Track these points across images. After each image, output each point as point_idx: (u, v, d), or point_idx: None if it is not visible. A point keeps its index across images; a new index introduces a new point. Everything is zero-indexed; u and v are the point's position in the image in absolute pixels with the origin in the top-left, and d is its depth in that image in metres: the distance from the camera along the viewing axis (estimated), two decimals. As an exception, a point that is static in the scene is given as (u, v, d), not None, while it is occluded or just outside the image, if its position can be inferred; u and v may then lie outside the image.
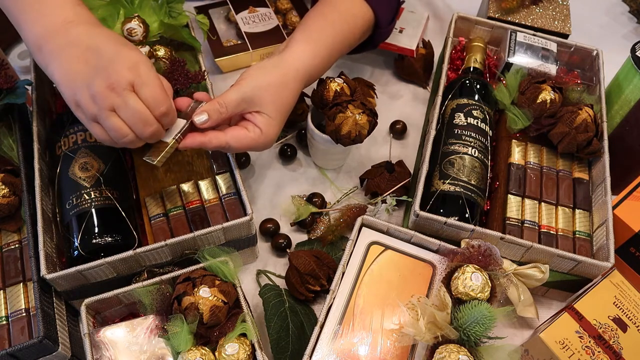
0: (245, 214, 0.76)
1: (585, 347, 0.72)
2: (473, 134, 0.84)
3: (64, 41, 0.67)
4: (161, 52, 0.84)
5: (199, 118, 0.71)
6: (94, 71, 0.64)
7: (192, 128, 0.72)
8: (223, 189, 0.81)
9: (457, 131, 0.85)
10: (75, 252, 0.72)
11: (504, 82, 0.93)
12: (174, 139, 0.70)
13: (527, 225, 0.81)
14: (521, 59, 0.95)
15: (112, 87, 0.63)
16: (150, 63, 0.68)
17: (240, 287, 0.70)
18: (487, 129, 0.86)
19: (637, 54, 0.86)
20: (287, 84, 0.76)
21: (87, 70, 0.65)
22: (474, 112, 0.86)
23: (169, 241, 0.72)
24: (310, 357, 0.67)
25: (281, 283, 0.82)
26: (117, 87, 0.63)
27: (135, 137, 0.66)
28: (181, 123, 0.71)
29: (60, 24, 0.67)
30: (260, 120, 0.74)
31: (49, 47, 0.67)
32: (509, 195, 0.83)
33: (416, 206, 0.77)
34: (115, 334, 0.68)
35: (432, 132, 0.85)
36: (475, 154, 0.83)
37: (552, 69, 0.95)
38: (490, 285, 0.68)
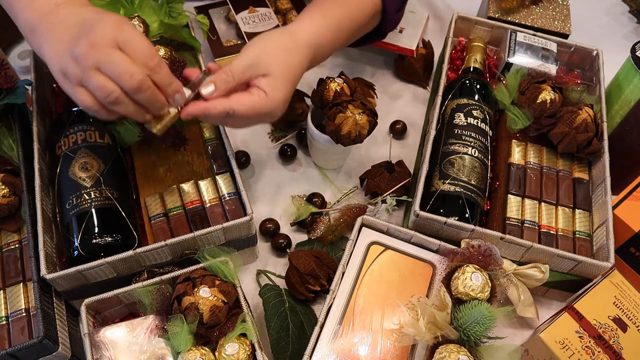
0: (245, 214, 0.76)
1: (585, 347, 0.72)
2: (473, 134, 0.84)
3: (54, 21, 0.67)
4: (161, 52, 0.84)
5: (206, 89, 0.70)
6: (77, 36, 0.63)
7: (197, 99, 0.71)
8: (223, 189, 0.81)
9: (457, 131, 0.85)
10: (75, 252, 0.72)
11: (504, 82, 0.93)
12: (176, 108, 0.69)
13: (527, 225, 0.81)
14: (521, 59, 0.95)
15: (95, 45, 0.62)
16: (134, 25, 0.66)
17: (240, 287, 0.70)
18: (487, 129, 0.86)
19: (637, 54, 0.86)
20: (293, 49, 0.75)
21: (71, 39, 0.64)
22: (474, 112, 0.86)
23: (169, 241, 0.72)
24: (310, 357, 0.67)
25: (281, 283, 0.82)
26: (100, 44, 0.62)
27: (122, 94, 0.63)
28: (187, 93, 0.70)
29: (52, 6, 0.67)
30: (265, 83, 0.72)
31: (41, 29, 0.67)
32: (509, 195, 0.83)
33: (416, 206, 0.77)
34: (115, 334, 0.68)
35: (432, 132, 0.85)
36: (475, 154, 0.83)
37: (552, 69, 0.95)
38: (490, 285, 0.68)
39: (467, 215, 0.78)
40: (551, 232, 0.81)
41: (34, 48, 0.70)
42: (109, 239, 0.73)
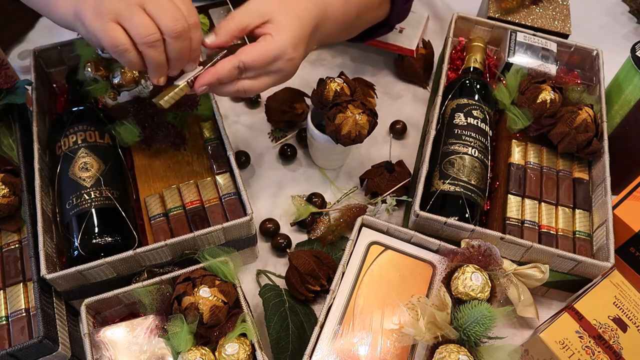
0: (245, 214, 0.76)
1: (585, 347, 0.72)
2: (473, 134, 0.84)
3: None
4: (161, 52, 0.84)
5: (208, 37, 0.69)
6: None
7: None
8: (223, 189, 0.81)
9: (457, 131, 0.85)
10: (75, 252, 0.72)
11: (504, 82, 0.93)
12: (185, 81, 0.68)
13: (527, 225, 0.81)
14: (521, 59, 0.95)
15: None
16: None
17: (240, 287, 0.70)
18: (487, 129, 0.86)
19: (637, 54, 0.86)
20: None
21: None
22: (474, 112, 0.86)
23: (169, 241, 0.72)
24: (310, 357, 0.67)
25: (281, 283, 0.82)
26: None
27: (159, 38, 0.62)
28: (197, 70, 0.69)
29: None
30: (269, 28, 0.70)
31: (83, 8, 0.64)
32: (509, 195, 0.83)
33: (416, 206, 0.77)
34: (115, 334, 0.68)
35: (432, 132, 0.85)
36: (475, 154, 0.83)
37: (552, 69, 0.95)
38: (490, 285, 0.68)
39: (467, 215, 0.78)
40: (551, 232, 0.81)
41: (84, 35, 0.67)
42: (109, 239, 0.73)
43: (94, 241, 0.73)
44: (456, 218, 0.76)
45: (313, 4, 0.75)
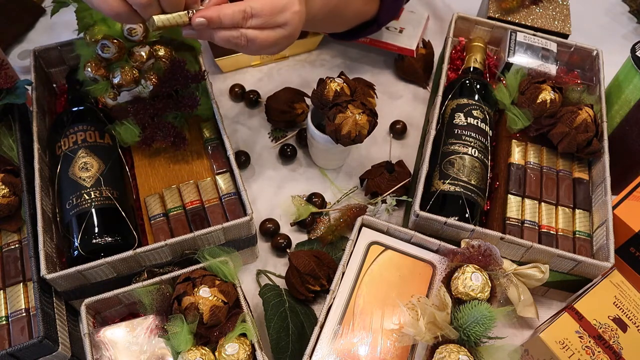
0: (245, 214, 0.76)
1: (585, 347, 0.72)
2: (473, 134, 0.84)
3: None
4: (161, 52, 0.84)
5: None
6: None
7: None
8: (223, 189, 0.81)
9: (457, 131, 0.85)
10: (75, 252, 0.72)
11: (504, 82, 0.93)
12: (186, 12, 0.64)
13: (527, 225, 0.81)
14: (521, 59, 0.95)
15: None
16: None
17: (240, 287, 0.70)
18: (487, 129, 0.86)
19: (637, 54, 0.86)
20: None
21: None
22: (474, 112, 0.86)
23: (169, 241, 0.72)
24: (310, 357, 0.67)
25: (281, 283, 0.82)
26: None
27: None
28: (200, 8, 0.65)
29: None
30: None
31: None
32: (509, 195, 0.83)
33: (416, 206, 0.77)
34: (115, 334, 0.68)
35: (432, 132, 0.85)
36: (475, 154, 0.83)
37: (552, 69, 0.95)
38: (490, 285, 0.68)
39: (467, 215, 0.78)
40: (551, 232, 0.81)
41: None
42: (109, 239, 0.73)
43: (94, 241, 0.73)
44: (456, 218, 0.76)
45: None
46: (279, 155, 0.96)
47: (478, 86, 0.90)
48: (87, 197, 0.75)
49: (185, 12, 0.64)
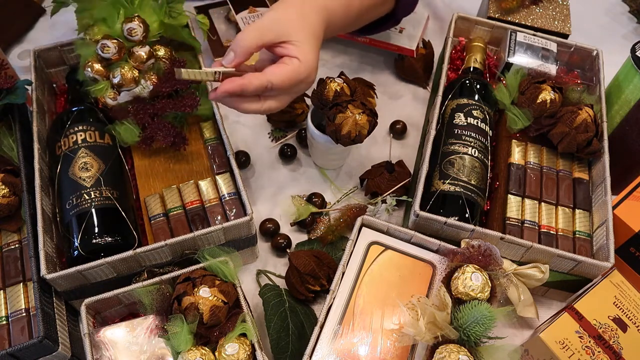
0: (245, 214, 0.76)
1: (585, 347, 0.72)
2: (473, 134, 0.84)
3: None
4: (161, 52, 0.84)
5: (227, 57, 0.70)
6: None
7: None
8: (223, 189, 0.81)
9: (457, 131, 0.85)
10: (75, 252, 0.72)
11: (504, 82, 0.93)
12: (214, 71, 0.68)
13: (527, 225, 0.81)
14: (521, 59, 0.95)
15: None
16: None
17: (240, 287, 0.70)
18: (487, 129, 0.86)
19: (637, 54, 0.86)
20: (307, 12, 0.74)
21: None
22: (474, 112, 0.86)
23: (169, 241, 0.72)
24: (310, 357, 0.67)
25: (281, 283, 0.82)
26: None
27: None
28: (230, 69, 0.70)
29: None
30: (294, 50, 0.71)
31: None
32: (509, 195, 0.83)
33: (416, 206, 0.77)
34: (115, 334, 0.68)
35: (432, 132, 0.85)
36: (475, 154, 0.83)
37: (552, 69, 0.95)
38: (490, 285, 0.68)
39: (467, 215, 0.78)
40: (551, 232, 0.81)
41: None
42: (109, 239, 0.73)
43: (94, 241, 0.73)
44: (456, 218, 0.76)
45: (320, 17, 0.76)
46: (279, 155, 0.96)
47: (478, 86, 0.90)
48: (87, 197, 0.75)
49: (213, 72, 0.68)
